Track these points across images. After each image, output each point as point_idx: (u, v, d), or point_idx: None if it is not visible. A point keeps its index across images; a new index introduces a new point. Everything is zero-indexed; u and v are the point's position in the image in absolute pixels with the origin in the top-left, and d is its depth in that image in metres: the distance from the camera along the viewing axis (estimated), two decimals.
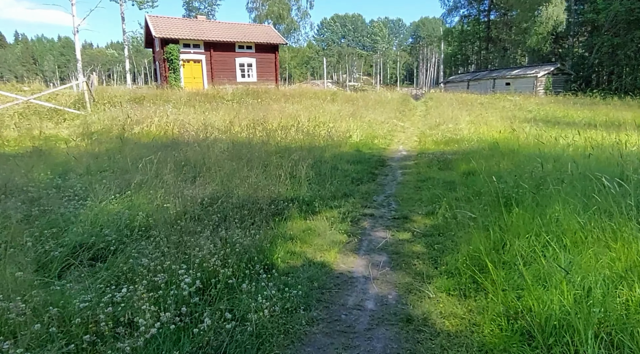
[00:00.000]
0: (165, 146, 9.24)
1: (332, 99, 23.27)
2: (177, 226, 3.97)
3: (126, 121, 12.33)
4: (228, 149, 8.98)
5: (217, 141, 9.98)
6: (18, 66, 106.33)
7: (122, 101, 18.83)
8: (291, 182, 6.24)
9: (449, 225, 4.73)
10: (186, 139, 10.86)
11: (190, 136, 11.15)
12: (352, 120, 14.87)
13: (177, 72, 26.18)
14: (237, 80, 27.84)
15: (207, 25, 28.80)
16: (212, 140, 10.31)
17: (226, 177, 6.16)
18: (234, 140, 10.51)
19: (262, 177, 6.10)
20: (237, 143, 9.94)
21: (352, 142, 11.36)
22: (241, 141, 10.20)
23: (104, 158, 7.40)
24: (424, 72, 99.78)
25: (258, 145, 9.62)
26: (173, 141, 10.26)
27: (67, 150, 8.31)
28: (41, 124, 12.31)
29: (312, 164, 7.73)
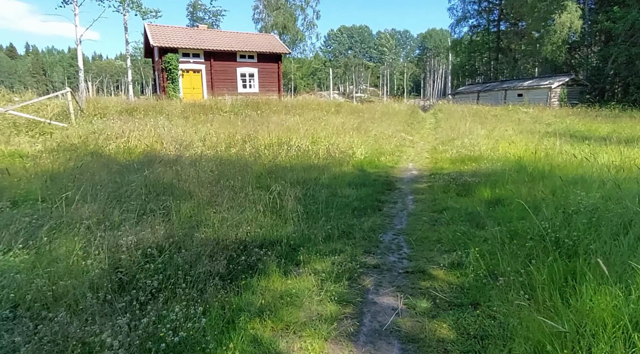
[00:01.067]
0: (139, 165, 8.01)
1: (336, 110, 22.06)
2: (84, 301, 2.66)
3: (103, 135, 11.16)
4: (210, 169, 7.73)
5: (201, 159, 8.74)
6: (28, 77, 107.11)
7: (114, 112, 17.81)
8: (275, 217, 4.94)
9: (485, 288, 3.39)
10: (168, 156, 9.64)
11: (173, 153, 9.93)
12: (357, 134, 13.60)
13: (176, 82, 25.19)
14: (239, 91, 26.78)
15: (208, 34, 27.89)
16: (196, 157, 9.08)
17: (193, 209, 4.88)
18: (222, 157, 9.28)
19: (237, 211, 4.80)
20: (224, 162, 8.69)
21: (356, 159, 10.06)
22: (229, 159, 8.96)
23: (57, 181, 6.15)
24: (431, 83, 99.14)
25: (247, 164, 8.36)
26: (151, 158, 9.03)
27: (17, 170, 7.10)
28: (11, 138, 11.18)
29: (306, 190, 6.43)
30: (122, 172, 7.04)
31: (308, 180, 7.32)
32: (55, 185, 5.89)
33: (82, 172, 6.60)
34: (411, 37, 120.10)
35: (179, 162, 8.52)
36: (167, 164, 7.87)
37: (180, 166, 8.05)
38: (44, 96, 15.12)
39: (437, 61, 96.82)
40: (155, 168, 7.21)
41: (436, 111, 29.94)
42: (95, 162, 8.11)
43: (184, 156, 9.47)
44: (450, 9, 51.63)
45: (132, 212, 4.43)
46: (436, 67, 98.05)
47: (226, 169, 7.96)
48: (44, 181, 6.04)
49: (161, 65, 25.10)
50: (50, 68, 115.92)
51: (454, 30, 52.40)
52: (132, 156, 9.36)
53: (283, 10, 49.71)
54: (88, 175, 6.17)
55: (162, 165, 8.04)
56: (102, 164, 7.93)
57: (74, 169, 6.65)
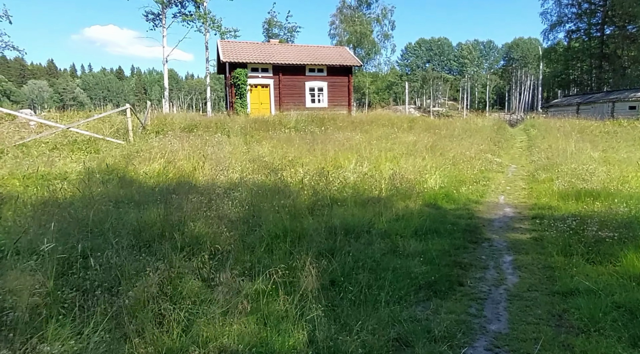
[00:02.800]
0: (165, 193, 6.70)
1: (409, 127, 19.81)
2: None
3: (147, 154, 10.23)
4: (239, 203, 6.17)
5: (237, 188, 7.23)
6: (131, 96, 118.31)
7: (177, 128, 17.42)
8: (284, 310, 3.07)
9: None
10: (203, 181, 8.29)
11: (210, 178, 8.58)
12: (431, 155, 11.35)
13: (244, 97, 24.73)
14: (307, 106, 25.62)
15: (277, 48, 27.27)
16: (232, 185, 7.60)
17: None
18: (262, 185, 7.70)
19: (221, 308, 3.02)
20: (261, 190, 7.10)
21: (429, 191, 7.88)
22: (268, 187, 7.34)
23: (37, 218, 4.92)
24: (516, 96, 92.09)
25: (286, 196, 6.68)
26: (181, 183, 7.72)
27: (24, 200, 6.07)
28: (58, 156, 10.69)
29: (345, 244, 4.52)
30: (144, 202, 5.74)
31: (358, 225, 5.38)
32: (34, 221, 4.62)
33: (101, 199, 5.36)
34: (495, 48, 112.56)
35: (209, 193, 7.10)
36: (198, 194, 6.47)
37: (207, 197, 6.61)
38: (102, 113, 14.95)
39: (524, 72, 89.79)
40: (181, 198, 5.82)
41: (527, 126, 26.17)
42: (111, 189, 6.96)
43: (219, 182, 8.05)
44: (543, 14, 46.50)
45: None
46: (523, 79, 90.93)
47: (262, 202, 6.35)
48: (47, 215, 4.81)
49: (230, 81, 24.85)
50: (149, 87, 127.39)
51: (547, 37, 47.04)
52: (162, 180, 8.15)
53: (359, 23, 48.46)
54: (109, 203, 4.89)
55: (192, 193, 6.66)
56: (129, 189, 6.74)
57: (106, 194, 5.44)
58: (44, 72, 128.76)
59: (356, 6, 49.95)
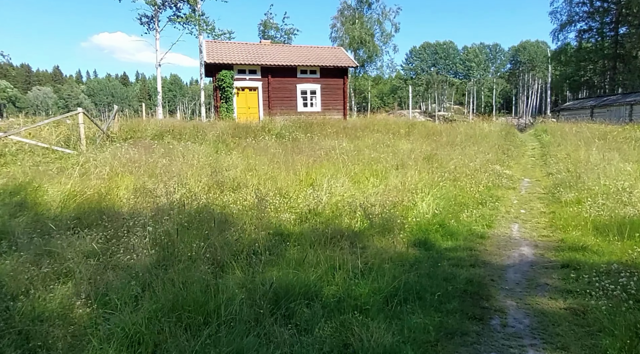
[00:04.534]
0: (51, 226, 4.87)
1: (406, 132, 17.87)
2: None
3: (73, 169, 8.37)
4: (151, 242, 4.30)
5: (164, 216, 5.37)
6: (135, 101, 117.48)
7: (146, 136, 15.63)
8: None
9: None
10: (128, 205, 6.41)
11: (138, 200, 6.69)
12: (427, 167, 9.40)
13: (230, 101, 22.91)
14: (298, 110, 23.74)
15: (267, 48, 25.47)
16: (159, 212, 5.71)
17: None
18: (201, 211, 5.80)
19: None
20: (194, 220, 5.24)
21: (419, 219, 5.93)
22: (202, 218, 5.44)
23: None
24: (524, 100, 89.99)
25: (224, 229, 4.82)
26: (91, 211, 5.83)
27: None
28: None
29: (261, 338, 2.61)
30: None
31: (302, 287, 3.46)
32: None
33: None
34: (501, 51, 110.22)
35: (122, 220, 5.24)
36: (95, 226, 4.61)
37: (115, 229, 4.76)
38: (50, 118, 13.16)
39: (531, 76, 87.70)
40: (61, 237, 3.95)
41: (538, 131, 24.11)
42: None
43: (147, 206, 6.16)
44: (553, 13, 44.34)
45: None
46: (530, 82, 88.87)
47: (192, 238, 4.51)
48: None
49: (215, 84, 23.08)
50: (153, 93, 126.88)
51: (557, 37, 44.82)
52: (70, 204, 6.27)
53: (359, 24, 46.65)
54: None
55: (83, 226, 4.79)
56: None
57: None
58: (49, 78, 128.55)
59: (356, 7, 48.16)
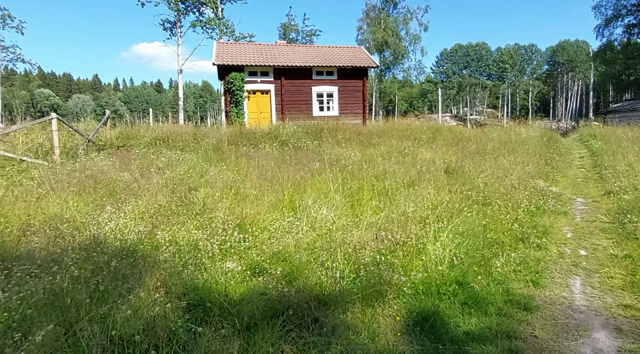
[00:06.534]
0: None
1: (430, 138, 15.72)
2: None
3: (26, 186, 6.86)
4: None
5: (60, 269, 3.67)
6: (168, 108, 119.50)
7: (141, 143, 14.30)
8: None
9: None
10: (26, 248, 4.74)
11: (52, 240, 5.01)
12: (448, 184, 7.36)
13: (240, 105, 21.42)
14: (314, 114, 21.98)
15: (280, 49, 23.86)
16: (53, 254, 4.03)
17: None
18: (117, 252, 4.08)
19: None
20: (96, 274, 3.50)
21: (426, 272, 3.96)
22: (124, 266, 3.70)
23: None
24: (562, 102, 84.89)
25: (140, 287, 3.01)
26: None
27: None
28: None
29: None
30: None
31: None
32: None
33: None
34: (538, 51, 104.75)
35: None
36: None
37: None
38: (17, 125, 11.89)
39: (570, 77, 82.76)
40: None
41: (584, 136, 21.29)
42: None
43: (56, 245, 4.49)
44: (597, 8, 40.67)
45: None
46: (570, 84, 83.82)
47: None
48: None
49: (224, 87, 21.67)
50: (186, 99, 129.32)
51: (601, 34, 41.06)
52: None
53: (384, 25, 44.56)
54: None
55: None
56: None
57: None
58: (89, 86, 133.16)
59: (381, 7, 46.08)
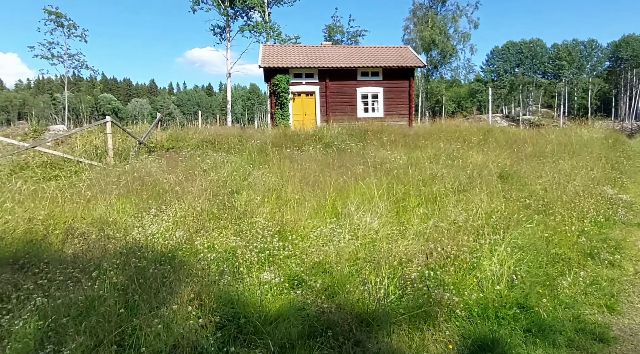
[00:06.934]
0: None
1: (481, 140, 14.96)
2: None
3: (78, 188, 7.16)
4: None
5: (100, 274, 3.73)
6: (217, 110, 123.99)
7: (188, 145, 14.72)
8: None
9: None
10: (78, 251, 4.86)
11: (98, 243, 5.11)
12: (503, 190, 6.85)
13: (285, 107, 21.57)
14: (359, 116, 21.71)
15: (325, 50, 23.78)
16: (97, 259, 4.07)
17: None
18: (161, 261, 4.08)
19: None
20: (135, 279, 3.51)
21: (482, 292, 3.60)
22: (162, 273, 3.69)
23: None
24: (625, 101, 79.13)
25: (173, 298, 2.97)
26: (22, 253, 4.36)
27: None
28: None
29: None
30: None
31: None
32: None
33: None
34: (598, 47, 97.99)
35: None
36: None
37: None
38: (77, 129, 12.52)
39: (635, 73, 77.07)
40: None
41: None
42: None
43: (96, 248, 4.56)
44: None
45: None
46: (634, 81, 78.01)
47: None
48: None
49: (270, 89, 21.91)
50: (234, 102, 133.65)
51: None
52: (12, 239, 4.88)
53: (431, 23, 43.42)
54: None
55: None
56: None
57: None
58: (146, 90, 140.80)
59: (429, 5, 44.94)
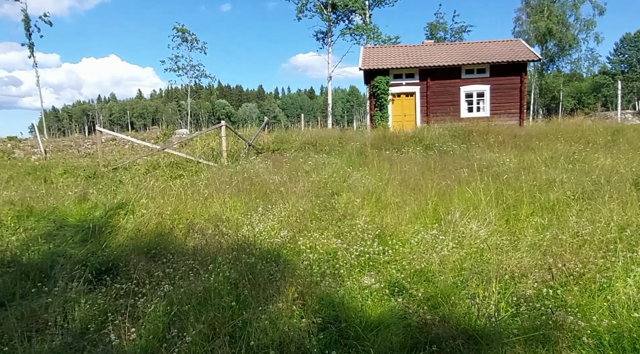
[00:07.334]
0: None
1: (610, 140, 13.14)
2: None
3: (196, 185, 8.05)
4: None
5: (214, 266, 4.22)
6: (318, 113, 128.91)
7: (291, 147, 15.59)
8: None
9: None
10: (196, 245, 5.43)
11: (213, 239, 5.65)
12: (638, 199, 5.95)
13: (385, 109, 21.47)
14: (462, 116, 20.68)
15: (427, 49, 23.01)
16: (221, 255, 4.51)
17: None
18: (267, 258, 4.41)
19: None
20: (245, 274, 3.90)
21: (615, 319, 3.18)
22: (267, 270, 4.02)
23: None
24: None
25: (278, 297, 3.31)
26: (154, 244, 5.04)
27: None
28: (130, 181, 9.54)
29: None
30: None
31: None
32: None
33: None
34: None
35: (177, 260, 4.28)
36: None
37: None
38: (197, 132, 13.87)
39: None
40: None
41: None
42: None
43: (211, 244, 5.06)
44: None
45: None
46: None
47: None
48: None
49: (369, 91, 22.00)
50: (334, 104, 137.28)
51: None
52: (141, 232, 5.66)
53: (547, 12, 39.35)
54: None
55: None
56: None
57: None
58: (254, 96, 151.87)
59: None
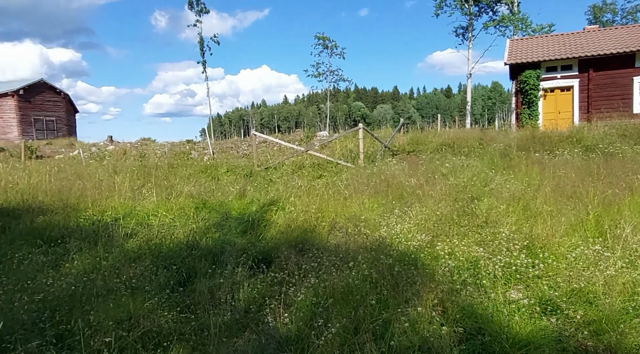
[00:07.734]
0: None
1: None
2: None
3: (334, 185, 8.80)
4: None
5: (354, 264, 4.81)
6: (455, 112, 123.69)
7: (427, 149, 15.56)
8: None
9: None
10: (338, 242, 6.03)
11: (353, 238, 6.17)
12: None
13: (534, 106, 19.52)
14: (635, 112, 17.52)
15: (588, 36, 19.97)
16: (361, 254, 5.02)
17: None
18: (405, 261, 4.77)
19: None
20: (383, 275, 4.37)
21: None
22: (405, 275, 4.41)
23: None
24: None
25: (415, 300, 3.77)
26: (301, 240, 5.81)
27: None
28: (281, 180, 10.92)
29: None
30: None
31: None
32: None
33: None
34: None
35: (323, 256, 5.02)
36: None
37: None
38: (336, 135, 14.73)
39: None
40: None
41: None
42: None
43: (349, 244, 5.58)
44: None
45: None
46: None
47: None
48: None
49: (516, 87, 20.29)
50: (473, 103, 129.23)
51: None
52: (290, 228, 6.50)
53: None
54: None
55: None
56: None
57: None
58: (389, 97, 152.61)
59: None
